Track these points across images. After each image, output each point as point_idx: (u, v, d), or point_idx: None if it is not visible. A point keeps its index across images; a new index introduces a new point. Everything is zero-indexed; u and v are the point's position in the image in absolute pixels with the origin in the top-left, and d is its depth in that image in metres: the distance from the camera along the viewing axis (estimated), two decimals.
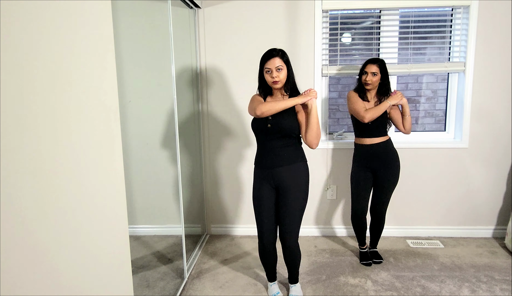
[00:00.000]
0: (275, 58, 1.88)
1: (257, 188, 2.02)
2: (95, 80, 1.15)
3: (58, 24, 0.98)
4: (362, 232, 2.59)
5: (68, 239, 1.02)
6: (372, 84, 2.38)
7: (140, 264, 2.60)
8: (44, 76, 0.92)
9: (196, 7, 2.78)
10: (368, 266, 2.53)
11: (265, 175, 1.98)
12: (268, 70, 1.89)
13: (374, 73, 2.36)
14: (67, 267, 1.01)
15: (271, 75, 1.88)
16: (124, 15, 2.80)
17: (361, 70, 2.44)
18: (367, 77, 2.38)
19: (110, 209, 1.24)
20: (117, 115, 1.28)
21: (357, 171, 2.51)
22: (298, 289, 2.20)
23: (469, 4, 2.68)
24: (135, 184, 3.00)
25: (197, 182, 3.02)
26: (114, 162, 1.27)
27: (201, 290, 2.28)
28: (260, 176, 2.01)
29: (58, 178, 0.97)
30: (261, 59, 1.94)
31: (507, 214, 2.93)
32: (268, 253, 2.09)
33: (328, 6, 2.76)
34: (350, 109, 2.46)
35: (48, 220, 0.93)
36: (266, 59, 1.89)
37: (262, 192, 2.00)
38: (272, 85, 1.91)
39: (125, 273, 1.35)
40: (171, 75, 2.24)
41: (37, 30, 0.89)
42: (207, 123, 2.99)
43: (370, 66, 2.38)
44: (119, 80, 1.32)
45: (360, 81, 2.45)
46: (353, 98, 2.43)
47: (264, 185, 2.00)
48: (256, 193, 2.03)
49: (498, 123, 2.82)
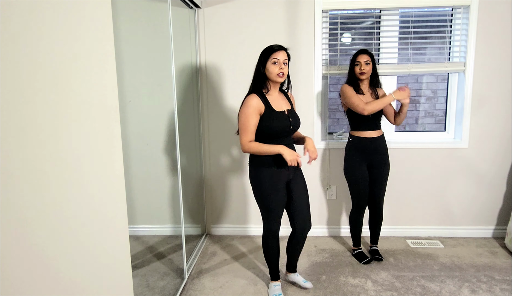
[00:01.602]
0: (283, 51, 1.90)
1: (274, 187, 1.99)
2: (95, 80, 1.15)
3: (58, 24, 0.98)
4: (360, 228, 2.61)
5: (68, 239, 1.02)
6: (367, 74, 2.38)
7: (140, 264, 2.60)
8: (44, 76, 0.92)
9: (196, 7, 2.78)
10: (369, 263, 2.54)
11: (282, 172, 2.00)
12: (276, 61, 1.87)
13: (367, 62, 2.38)
14: (67, 267, 1.01)
15: (279, 67, 1.88)
16: (124, 15, 2.80)
17: (352, 62, 2.43)
18: (361, 67, 2.38)
19: (110, 209, 1.24)
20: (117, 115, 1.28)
21: (355, 166, 2.47)
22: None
23: (469, 4, 2.68)
24: (135, 184, 3.00)
25: (197, 182, 3.02)
26: (114, 162, 1.27)
27: (201, 290, 2.28)
28: (276, 174, 1.98)
29: (58, 177, 0.97)
30: (267, 50, 1.91)
31: (507, 214, 2.93)
32: (277, 247, 2.15)
33: (328, 6, 2.76)
34: (347, 103, 2.40)
35: (48, 220, 0.93)
36: (275, 50, 1.88)
37: (279, 189, 2.01)
38: (277, 78, 1.89)
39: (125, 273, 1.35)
40: (171, 75, 2.24)
41: (37, 30, 0.89)
42: (207, 123, 2.99)
43: (362, 56, 2.38)
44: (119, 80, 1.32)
45: (352, 74, 2.43)
46: (349, 92, 2.39)
47: (281, 182, 2.01)
48: (273, 191, 2.00)
49: (498, 123, 2.82)
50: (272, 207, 2.02)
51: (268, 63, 1.89)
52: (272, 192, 1.99)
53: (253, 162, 2.02)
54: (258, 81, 1.95)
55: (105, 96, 1.21)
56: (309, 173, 2.99)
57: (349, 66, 2.47)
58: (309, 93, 2.88)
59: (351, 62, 2.44)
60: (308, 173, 2.99)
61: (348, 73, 2.48)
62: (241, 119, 1.91)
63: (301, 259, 2.63)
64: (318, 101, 2.89)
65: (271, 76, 1.91)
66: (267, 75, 1.92)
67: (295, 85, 2.85)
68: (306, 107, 2.89)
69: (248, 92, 2.00)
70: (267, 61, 1.89)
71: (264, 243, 2.14)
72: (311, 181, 3.00)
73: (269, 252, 2.15)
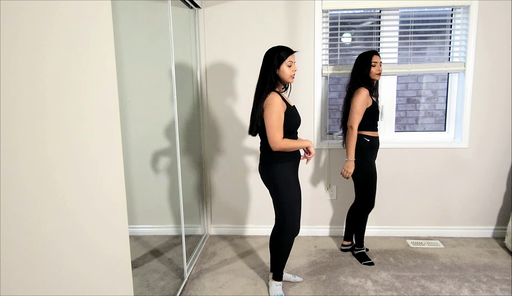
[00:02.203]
0: (293, 54, 2.01)
1: (294, 182, 2.04)
2: (95, 80, 1.15)
3: (58, 24, 0.98)
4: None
5: (68, 239, 1.02)
6: (380, 74, 2.42)
7: (140, 264, 2.60)
8: (44, 76, 0.92)
9: (196, 7, 2.78)
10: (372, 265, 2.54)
11: (295, 166, 2.07)
12: (291, 64, 1.98)
13: (381, 63, 2.42)
14: (67, 267, 1.01)
15: (293, 69, 1.99)
16: (124, 15, 2.80)
17: (365, 63, 2.39)
18: (376, 68, 2.39)
19: (110, 209, 1.24)
20: (117, 115, 1.28)
21: (372, 165, 2.49)
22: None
23: (469, 4, 2.68)
24: (135, 184, 3.00)
25: (197, 182, 3.02)
26: (114, 162, 1.27)
27: (201, 290, 2.28)
28: (292, 168, 2.04)
29: (58, 177, 0.97)
30: (283, 53, 1.96)
31: (507, 214, 2.93)
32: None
33: (328, 6, 2.76)
34: (354, 109, 2.36)
35: (48, 220, 0.93)
36: (290, 53, 1.98)
37: (297, 182, 2.07)
38: (289, 79, 2.00)
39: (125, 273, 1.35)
40: (171, 75, 2.24)
41: (37, 30, 0.89)
42: (207, 123, 2.99)
43: (376, 57, 2.39)
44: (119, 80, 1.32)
45: (366, 75, 2.40)
46: (365, 98, 2.36)
47: (296, 177, 2.08)
48: (294, 186, 2.04)
49: (498, 123, 2.82)
50: (298, 202, 2.05)
51: (284, 65, 1.97)
52: (295, 186, 2.04)
53: (273, 160, 2.02)
54: (271, 82, 1.98)
55: (105, 96, 1.21)
56: (309, 172, 2.99)
57: (360, 67, 2.41)
58: (309, 93, 2.88)
59: (365, 63, 2.39)
60: (308, 173, 2.99)
61: (360, 74, 2.41)
62: (272, 117, 1.92)
63: (301, 259, 2.63)
64: (318, 101, 2.89)
65: (285, 77, 1.99)
66: (281, 76, 1.99)
67: (295, 85, 2.85)
68: (306, 107, 2.89)
69: (259, 92, 2.00)
70: (282, 63, 1.97)
71: (285, 243, 2.10)
72: (311, 181, 3.00)
73: (287, 251, 2.14)
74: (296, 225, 2.07)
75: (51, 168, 0.94)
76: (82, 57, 1.08)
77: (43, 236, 0.91)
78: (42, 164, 0.91)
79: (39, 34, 0.90)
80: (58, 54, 0.97)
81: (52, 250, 0.95)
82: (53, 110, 0.95)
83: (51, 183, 0.94)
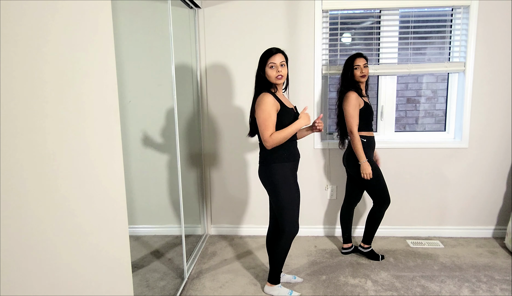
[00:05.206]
0: (279, 54, 1.96)
1: (293, 182, 2.03)
2: (95, 80, 1.15)
3: (58, 24, 0.98)
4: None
5: (68, 239, 1.02)
6: (366, 76, 2.42)
7: (140, 264, 2.60)
8: (44, 76, 0.92)
9: (196, 7, 2.78)
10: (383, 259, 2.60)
11: (295, 166, 2.06)
12: (273, 65, 1.94)
13: (365, 64, 2.42)
14: (67, 267, 1.01)
15: (277, 70, 1.94)
16: (124, 15, 2.80)
17: (348, 67, 2.44)
18: (361, 70, 2.40)
19: (110, 209, 1.24)
20: (117, 115, 1.28)
21: (373, 162, 2.47)
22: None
23: (469, 4, 2.68)
24: (135, 184, 3.00)
25: (197, 182, 3.02)
26: (114, 162, 1.27)
27: (201, 290, 2.28)
28: (291, 168, 2.03)
29: (58, 177, 0.97)
30: (263, 55, 1.97)
31: (507, 214, 2.93)
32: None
33: (328, 6, 2.76)
34: (347, 112, 2.39)
35: (48, 219, 0.93)
36: (271, 55, 1.95)
37: (296, 182, 2.06)
38: (276, 80, 1.96)
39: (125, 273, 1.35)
40: (171, 75, 2.24)
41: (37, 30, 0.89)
42: (207, 123, 2.99)
43: (360, 59, 2.42)
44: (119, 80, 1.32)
45: (352, 78, 2.43)
46: (354, 102, 2.39)
47: (295, 177, 2.07)
48: (294, 186, 2.03)
49: (498, 123, 2.82)
50: (296, 202, 2.04)
51: (266, 68, 1.96)
52: (294, 186, 2.04)
53: (271, 160, 2.00)
54: (260, 85, 2.01)
55: (105, 96, 1.21)
56: (309, 172, 2.99)
57: (344, 71, 2.47)
58: (309, 93, 2.88)
59: (348, 67, 2.44)
60: (307, 173, 2.99)
61: (345, 78, 2.47)
62: (262, 116, 1.92)
63: (301, 259, 2.63)
64: (318, 101, 2.88)
65: (270, 79, 1.97)
66: (268, 79, 1.98)
67: (295, 85, 2.85)
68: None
69: (255, 94, 2.03)
70: (265, 66, 1.97)
71: (285, 245, 2.08)
72: (310, 181, 3.00)
73: (286, 253, 2.14)
74: (295, 225, 2.07)
75: (51, 167, 0.94)
76: (82, 57, 1.08)
77: (43, 236, 0.91)
78: (42, 163, 0.91)
79: (39, 34, 0.90)
80: (59, 54, 0.97)
81: (52, 250, 0.95)
82: (53, 110, 0.95)
83: (51, 183, 0.94)
